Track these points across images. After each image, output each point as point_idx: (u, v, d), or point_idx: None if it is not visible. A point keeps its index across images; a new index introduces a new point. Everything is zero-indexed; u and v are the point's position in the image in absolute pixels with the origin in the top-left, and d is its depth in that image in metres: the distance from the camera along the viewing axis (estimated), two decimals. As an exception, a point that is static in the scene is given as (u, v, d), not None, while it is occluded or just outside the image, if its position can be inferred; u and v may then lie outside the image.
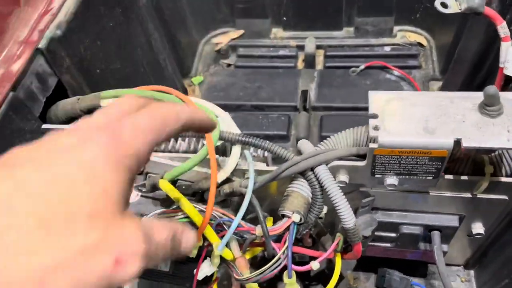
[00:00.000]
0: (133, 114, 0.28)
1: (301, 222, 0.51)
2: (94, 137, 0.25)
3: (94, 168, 0.24)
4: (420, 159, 0.47)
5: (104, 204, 0.24)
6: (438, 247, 0.57)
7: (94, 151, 0.25)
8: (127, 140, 0.26)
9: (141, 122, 0.27)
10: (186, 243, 0.29)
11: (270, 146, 0.53)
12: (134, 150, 0.26)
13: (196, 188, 0.54)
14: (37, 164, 0.24)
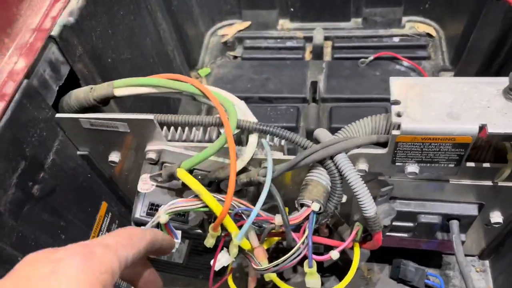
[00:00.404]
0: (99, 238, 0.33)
1: (320, 211, 0.50)
2: (67, 261, 0.28)
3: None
4: (443, 146, 0.46)
5: None
6: (456, 237, 0.56)
7: (69, 275, 0.27)
8: (99, 258, 0.29)
9: (109, 240, 0.32)
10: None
11: (288, 135, 0.52)
12: (107, 267, 0.29)
13: (212, 178, 0.53)
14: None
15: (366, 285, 0.70)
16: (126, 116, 0.51)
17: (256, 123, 0.53)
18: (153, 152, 0.55)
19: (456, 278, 0.69)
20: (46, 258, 0.28)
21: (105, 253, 0.30)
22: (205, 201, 0.47)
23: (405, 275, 0.67)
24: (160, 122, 0.53)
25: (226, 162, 0.55)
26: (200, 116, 0.53)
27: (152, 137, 0.54)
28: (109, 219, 0.66)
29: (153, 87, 0.55)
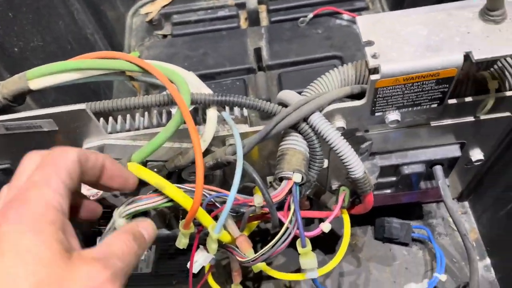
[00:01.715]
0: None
1: (302, 181, 0.44)
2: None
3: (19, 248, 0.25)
4: (426, 85, 0.41)
5: (45, 267, 0.24)
6: (442, 182, 0.53)
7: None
8: (33, 199, 0.27)
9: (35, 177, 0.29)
10: (148, 234, 0.33)
11: (253, 102, 0.44)
12: (46, 202, 0.27)
13: (171, 168, 0.45)
14: None
15: (353, 252, 0.66)
16: (50, 110, 0.41)
17: (213, 94, 0.45)
18: (92, 149, 0.45)
19: (440, 226, 0.67)
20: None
21: (37, 194, 0.27)
22: (170, 195, 0.39)
23: (391, 233, 0.64)
24: (95, 111, 0.43)
25: (184, 146, 0.47)
26: (145, 97, 0.44)
27: (88, 132, 0.45)
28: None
29: (77, 72, 0.45)
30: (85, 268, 0.25)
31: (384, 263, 0.64)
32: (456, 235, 0.65)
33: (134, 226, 0.33)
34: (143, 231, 0.33)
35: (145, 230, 0.33)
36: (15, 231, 0.25)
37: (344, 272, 0.64)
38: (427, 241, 0.64)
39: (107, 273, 0.26)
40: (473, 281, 0.56)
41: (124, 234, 0.31)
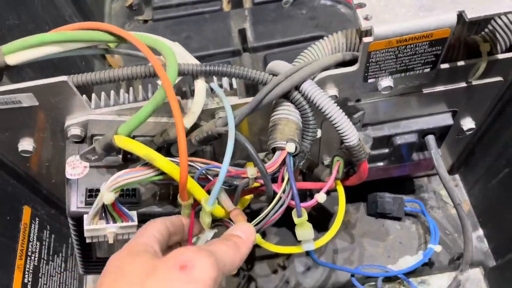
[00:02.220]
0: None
1: (296, 152, 0.43)
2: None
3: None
4: (419, 47, 0.41)
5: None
6: (435, 151, 0.53)
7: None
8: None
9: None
10: (245, 235, 0.36)
11: (242, 72, 0.43)
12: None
13: (159, 142, 0.43)
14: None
15: (346, 229, 0.65)
16: (29, 83, 0.39)
17: (201, 64, 0.43)
18: (76, 126, 0.43)
19: (432, 199, 0.66)
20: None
21: (134, 240, 0.34)
22: (160, 166, 0.37)
23: (383, 208, 0.63)
24: (77, 84, 0.41)
25: (172, 121, 0.45)
26: (129, 68, 0.42)
27: (71, 108, 0.42)
28: (37, 225, 0.53)
29: (55, 45, 0.42)
30: (176, 250, 0.30)
31: (378, 239, 0.64)
32: (449, 208, 0.65)
33: (226, 232, 0.37)
34: (235, 232, 0.36)
35: (238, 231, 0.36)
36: (116, 256, 0.31)
37: (338, 249, 0.63)
38: (420, 214, 0.64)
39: (194, 248, 0.30)
40: (467, 251, 0.56)
41: (218, 240, 0.35)
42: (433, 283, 0.61)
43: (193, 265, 0.27)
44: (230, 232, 0.36)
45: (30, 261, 0.50)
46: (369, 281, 0.60)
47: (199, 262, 0.28)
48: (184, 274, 0.27)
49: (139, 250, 0.32)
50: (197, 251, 0.29)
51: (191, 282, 0.27)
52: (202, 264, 0.28)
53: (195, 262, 0.27)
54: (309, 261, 0.63)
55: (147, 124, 0.44)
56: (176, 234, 0.38)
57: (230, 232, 0.36)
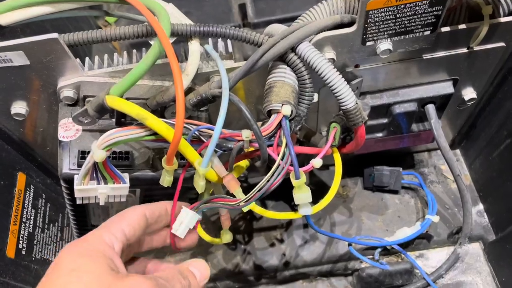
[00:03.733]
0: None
1: (292, 115, 0.42)
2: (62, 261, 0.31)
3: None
4: (419, 7, 0.39)
5: (96, 279, 0.29)
6: (435, 121, 0.52)
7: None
8: (89, 240, 0.33)
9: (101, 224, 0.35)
10: (200, 273, 0.37)
11: (238, 32, 0.42)
12: (100, 242, 0.33)
13: (153, 105, 0.43)
14: None
15: (344, 203, 0.64)
16: (20, 41, 0.38)
17: (195, 24, 0.42)
18: (68, 88, 0.43)
19: (432, 174, 0.66)
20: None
21: (95, 233, 0.33)
22: (152, 126, 0.36)
23: (380, 181, 0.62)
24: (69, 43, 0.40)
25: (166, 84, 0.45)
26: (122, 27, 0.41)
27: (64, 69, 0.42)
28: (32, 193, 0.53)
29: (49, 5, 0.42)
30: (130, 278, 0.30)
31: (376, 212, 0.63)
32: (449, 182, 0.64)
33: (183, 264, 0.37)
34: (192, 269, 0.37)
35: (197, 270, 0.37)
36: (71, 256, 0.30)
37: (335, 222, 0.63)
38: (419, 188, 0.63)
39: (149, 283, 0.30)
40: (467, 223, 0.56)
41: (169, 269, 0.36)
42: (432, 257, 0.61)
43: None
44: (187, 267, 0.37)
45: (24, 228, 0.50)
46: (367, 254, 0.60)
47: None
48: None
49: (94, 252, 0.31)
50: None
51: None
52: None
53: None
54: (306, 234, 0.63)
55: (141, 87, 0.44)
56: (157, 223, 0.38)
57: (187, 267, 0.37)
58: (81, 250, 0.31)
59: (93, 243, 0.32)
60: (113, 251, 0.32)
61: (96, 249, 0.31)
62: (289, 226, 0.63)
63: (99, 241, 0.32)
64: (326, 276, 0.61)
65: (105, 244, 0.32)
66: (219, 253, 0.62)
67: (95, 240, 0.32)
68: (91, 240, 0.32)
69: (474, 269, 0.59)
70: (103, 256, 0.31)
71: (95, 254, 0.31)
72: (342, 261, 0.61)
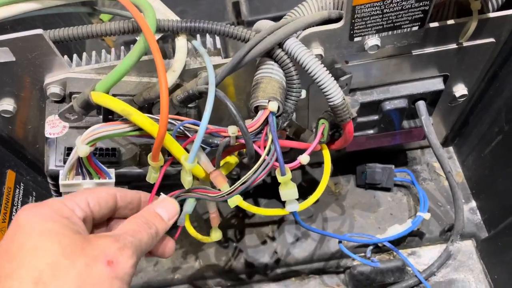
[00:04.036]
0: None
1: (279, 112, 0.42)
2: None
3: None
4: (406, 2, 0.39)
5: (66, 238, 0.29)
6: (425, 117, 0.51)
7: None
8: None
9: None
10: (167, 212, 0.37)
11: (224, 28, 0.42)
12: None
13: (140, 102, 0.43)
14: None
15: (336, 200, 0.64)
16: (4, 37, 0.38)
17: (181, 20, 0.42)
18: (55, 84, 0.42)
19: (425, 171, 0.65)
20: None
21: (56, 200, 0.32)
22: (136, 121, 0.36)
23: (373, 178, 0.62)
24: (54, 39, 0.40)
25: (153, 81, 0.45)
26: (108, 23, 0.41)
27: (50, 65, 0.42)
28: (21, 190, 0.52)
29: (37, 1, 0.42)
30: (100, 240, 0.29)
31: (368, 210, 0.63)
32: (441, 180, 0.64)
33: (149, 207, 0.36)
34: (159, 210, 0.36)
35: (163, 209, 0.36)
36: (35, 219, 0.29)
37: (328, 219, 0.62)
38: (411, 185, 0.63)
39: (118, 244, 0.29)
40: (458, 220, 0.55)
41: (136, 218, 0.34)
42: (424, 255, 0.60)
43: (118, 262, 0.29)
44: (153, 210, 0.36)
45: (14, 225, 0.50)
46: (359, 251, 0.60)
47: (123, 260, 0.29)
48: (110, 270, 0.28)
49: (60, 218, 0.30)
50: (121, 249, 0.29)
51: (115, 278, 0.28)
52: (125, 262, 0.29)
53: (119, 260, 0.29)
54: (298, 232, 0.62)
55: (128, 83, 0.44)
56: (125, 209, 0.37)
57: (153, 210, 0.36)
58: (45, 213, 0.30)
59: (55, 208, 0.31)
60: (75, 217, 0.31)
61: (59, 213, 0.30)
62: (281, 224, 0.63)
63: (60, 205, 0.31)
64: (318, 273, 0.61)
65: (68, 209, 0.31)
66: (210, 250, 0.62)
67: (56, 204, 0.31)
68: (53, 205, 0.31)
69: (466, 266, 0.59)
70: (67, 219, 0.30)
71: (59, 218, 0.30)
72: (334, 259, 0.60)
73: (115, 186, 0.41)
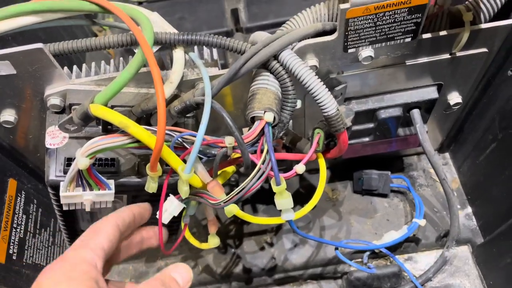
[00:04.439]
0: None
1: (275, 122, 0.42)
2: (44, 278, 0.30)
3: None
4: (398, 14, 0.40)
5: None
6: (420, 126, 0.52)
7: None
8: (69, 259, 0.32)
9: (76, 243, 0.34)
10: (182, 278, 0.36)
11: (221, 41, 0.43)
12: (80, 260, 0.31)
13: (138, 112, 0.43)
14: None
15: (334, 206, 0.65)
16: (5, 51, 0.39)
17: (178, 33, 0.43)
18: (55, 96, 0.43)
19: (421, 178, 0.66)
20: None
21: (74, 252, 0.32)
22: (134, 134, 0.37)
23: (369, 185, 0.63)
24: (54, 53, 0.41)
25: (151, 92, 0.45)
26: (107, 37, 0.42)
27: (50, 78, 0.43)
28: (23, 199, 0.53)
29: (36, 15, 0.42)
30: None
31: (365, 216, 0.63)
32: (438, 186, 0.65)
33: (165, 271, 0.36)
34: (174, 275, 0.36)
35: (179, 274, 0.36)
36: (52, 281, 0.29)
37: (325, 226, 0.63)
38: (408, 192, 0.64)
39: None
40: (453, 226, 0.56)
41: (153, 280, 0.34)
42: (421, 260, 0.61)
43: None
44: (169, 274, 0.36)
45: (15, 233, 0.51)
46: (356, 257, 0.60)
47: None
48: None
49: (79, 274, 0.29)
50: None
51: None
52: None
53: None
54: (296, 238, 0.63)
55: (126, 94, 0.45)
56: (127, 230, 0.38)
57: (169, 274, 0.36)
58: (64, 272, 0.29)
59: (75, 264, 0.30)
60: (96, 272, 0.31)
61: (80, 270, 0.30)
62: (279, 230, 0.64)
63: (81, 261, 0.31)
64: (315, 279, 0.62)
65: (88, 264, 0.31)
66: (209, 257, 0.63)
67: (76, 260, 0.31)
68: (73, 261, 0.31)
69: (462, 272, 0.60)
70: (88, 279, 0.29)
71: (80, 277, 0.29)
72: (331, 264, 0.61)
73: (114, 195, 0.42)
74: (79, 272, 0.29)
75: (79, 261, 0.30)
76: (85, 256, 0.31)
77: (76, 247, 0.33)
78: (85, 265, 0.30)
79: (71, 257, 0.31)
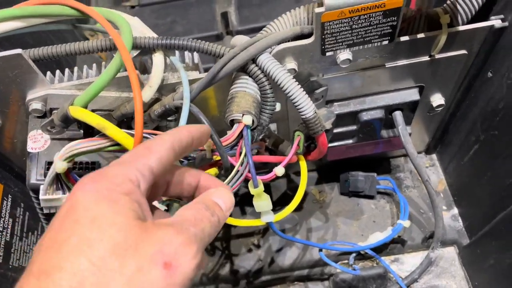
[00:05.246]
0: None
1: (254, 125, 0.43)
2: (78, 194, 0.26)
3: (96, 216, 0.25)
4: (373, 18, 0.40)
5: (120, 231, 0.24)
6: (402, 127, 0.52)
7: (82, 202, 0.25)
8: (111, 174, 0.27)
9: (124, 158, 0.29)
10: (224, 202, 0.32)
11: (200, 45, 0.43)
12: (123, 178, 0.27)
13: (118, 116, 0.44)
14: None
15: (321, 208, 0.65)
16: (-15, 56, 0.39)
17: (157, 37, 0.43)
18: (36, 101, 0.44)
19: (408, 179, 0.66)
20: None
21: (118, 168, 0.27)
22: (112, 135, 0.38)
23: (355, 186, 0.63)
24: (33, 58, 0.42)
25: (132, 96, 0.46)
26: (87, 42, 0.43)
27: (31, 83, 0.43)
28: (9, 202, 0.54)
29: (18, 20, 0.43)
30: (160, 232, 0.25)
31: (352, 217, 0.64)
32: (424, 187, 0.65)
33: (206, 195, 0.32)
34: (216, 199, 0.32)
35: (220, 199, 0.32)
36: (90, 199, 0.25)
37: (312, 227, 0.63)
38: (394, 193, 0.64)
39: (181, 237, 0.25)
40: (438, 227, 0.56)
41: (195, 204, 0.30)
42: (407, 261, 0.61)
43: (178, 264, 0.24)
44: (211, 198, 0.32)
45: (1, 236, 0.51)
46: (343, 259, 0.61)
47: (185, 261, 0.25)
48: (167, 275, 0.24)
49: (120, 197, 0.25)
50: (185, 245, 0.25)
51: (172, 285, 0.24)
52: (187, 263, 0.25)
53: (181, 261, 0.24)
54: (283, 240, 0.63)
55: (107, 98, 0.45)
56: (183, 153, 0.32)
57: (211, 198, 0.32)
58: (102, 190, 0.25)
59: (116, 182, 0.26)
60: (139, 193, 0.27)
61: (120, 190, 0.26)
62: (266, 232, 0.64)
63: (122, 179, 0.26)
64: (302, 280, 0.62)
65: (131, 183, 0.26)
66: (197, 259, 0.63)
67: (118, 177, 0.26)
68: (113, 177, 0.26)
69: (448, 273, 0.60)
70: (129, 201, 0.25)
71: (119, 197, 0.25)
72: (318, 266, 0.61)
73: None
74: (118, 192, 0.26)
75: (120, 179, 0.26)
76: (128, 174, 0.27)
77: (121, 162, 0.28)
78: (127, 184, 0.26)
79: (112, 172, 0.27)
